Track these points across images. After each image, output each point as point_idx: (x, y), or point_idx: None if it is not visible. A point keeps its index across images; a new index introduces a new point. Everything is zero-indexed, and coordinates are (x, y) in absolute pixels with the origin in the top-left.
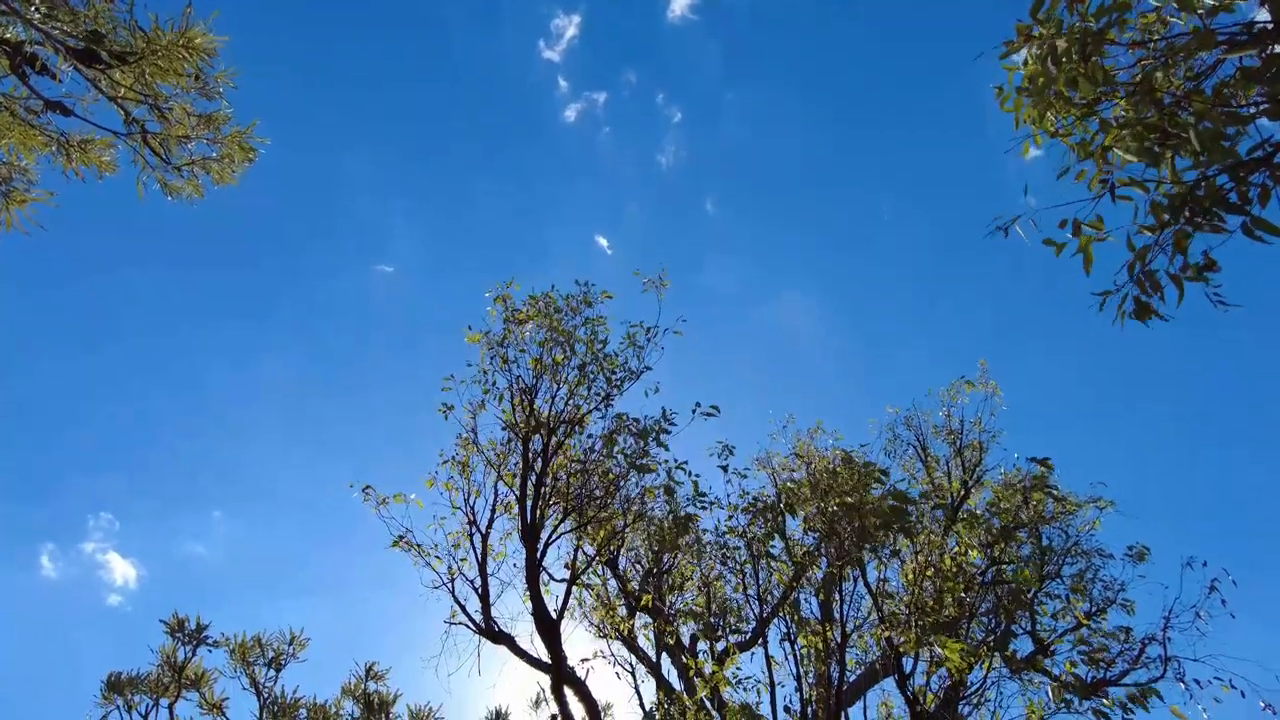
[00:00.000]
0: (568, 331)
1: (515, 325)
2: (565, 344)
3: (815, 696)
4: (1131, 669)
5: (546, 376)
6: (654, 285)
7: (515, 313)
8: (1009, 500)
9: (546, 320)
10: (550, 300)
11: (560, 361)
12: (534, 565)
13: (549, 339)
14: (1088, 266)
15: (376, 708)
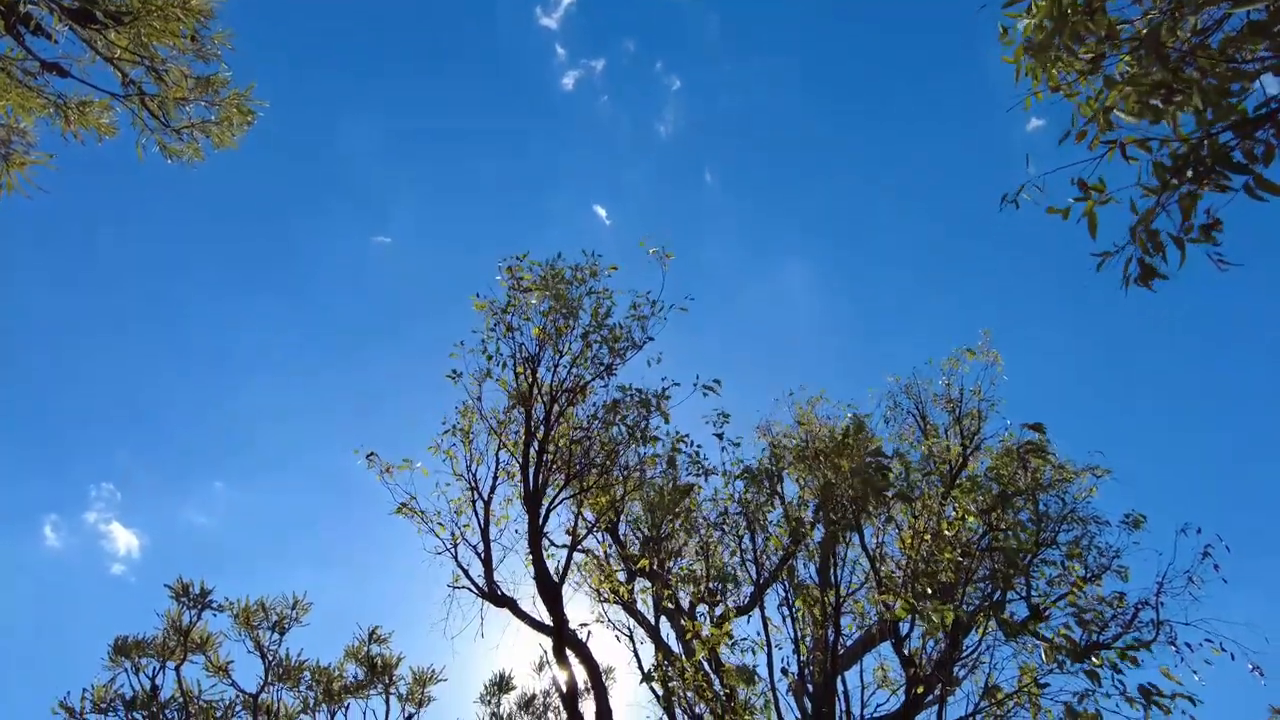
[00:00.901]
0: (573, 301)
1: (520, 294)
2: (570, 314)
3: (812, 659)
4: (1124, 633)
5: (550, 346)
6: (659, 257)
7: (520, 281)
8: (1006, 466)
9: (551, 290)
10: (557, 271)
11: (564, 331)
12: (536, 530)
13: (554, 308)
14: (1093, 230)
15: (380, 670)
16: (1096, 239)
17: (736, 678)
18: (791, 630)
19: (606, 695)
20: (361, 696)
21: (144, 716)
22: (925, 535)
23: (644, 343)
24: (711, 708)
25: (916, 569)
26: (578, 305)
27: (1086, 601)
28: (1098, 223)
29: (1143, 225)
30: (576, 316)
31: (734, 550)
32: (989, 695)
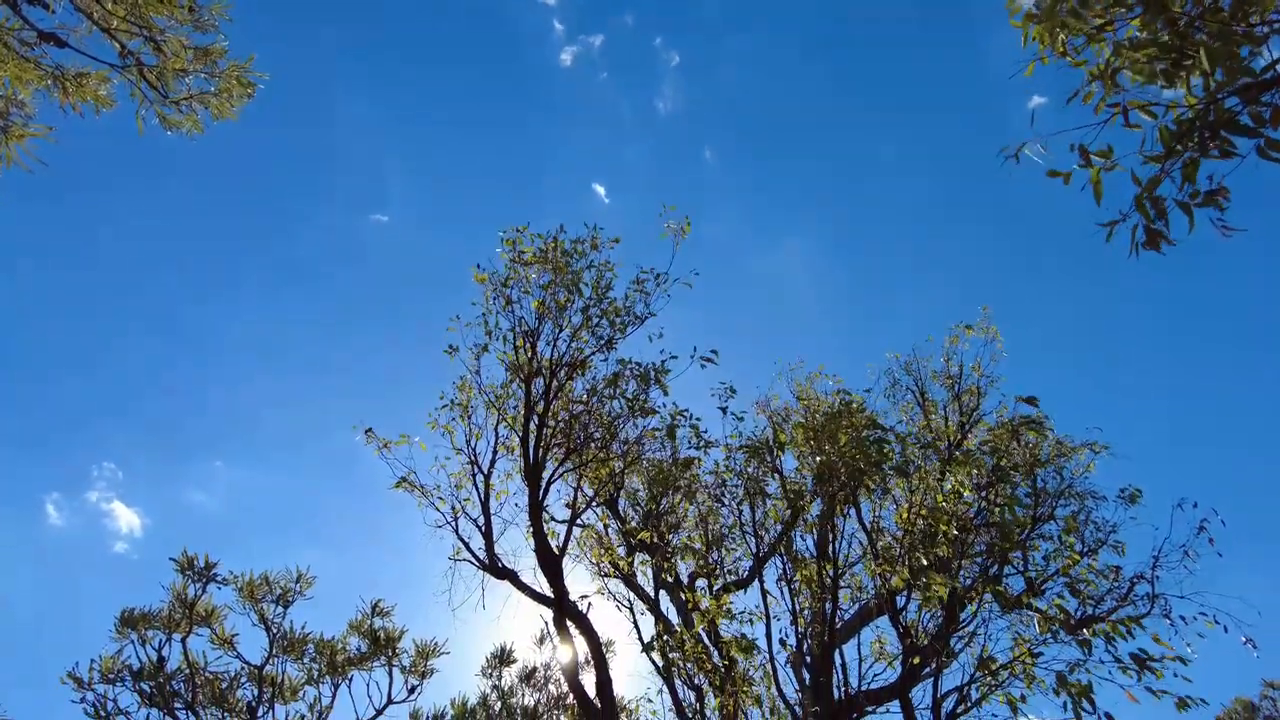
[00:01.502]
0: (574, 274)
1: (521, 267)
2: (570, 287)
3: (810, 631)
4: (1119, 606)
5: (550, 319)
6: (674, 231)
7: (521, 254)
8: (1002, 441)
9: (552, 263)
10: (558, 244)
11: (564, 304)
12: (536, 504)
13: (554, 281)
14: (1098, 196)
15: (383, 643)
16: (1100, 205)
17: (736, 648)
18: (790, 603)
19: (607, 666)
20: (365, 668)
21: (151, 687)
22: (922, 510)
23: (646, 317)
24: (711, 679)
25: (914, 542)
26: (578, 278)
27: (1082, 574)
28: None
29: (1147, 192)
30: (578, 290)
31: (734, 523)
32: (983, 666)
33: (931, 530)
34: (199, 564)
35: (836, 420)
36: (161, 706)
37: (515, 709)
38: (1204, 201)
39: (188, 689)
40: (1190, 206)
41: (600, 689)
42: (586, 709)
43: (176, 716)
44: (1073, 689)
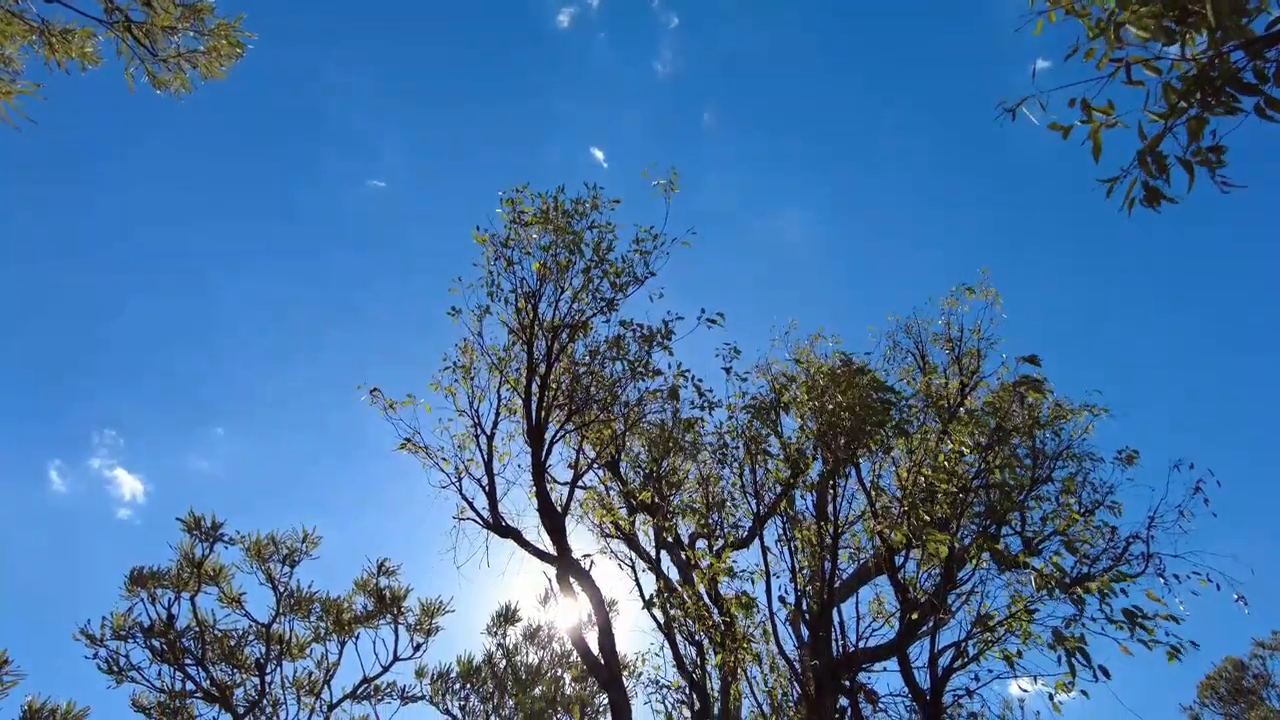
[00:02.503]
0: (575, 235)
1: (521, 228)
2: (572, 248)
3: (809, 589)
4: (1114, 565)
5: (551, 281)
6: (664, 188)
7: (521, 215)
8: (1003, 401)
9: (553, 223)
10: (558, 204)
11: (565, 265)
12: (539, 464)
13: (555, 242)
14: (1097, 154)
15: (388, 602)
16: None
17: (736, 605)
18: (789, 559)
19: (609, 621)
20: (371, 626)
21: (162, 644)
22: (922, 470)
23: (646, 277)
24: (711, 635)
25: (914, 500)
26: (579, 239)
27: (1079, 533)
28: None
29: (1150, 148)
30: (579, 250)
31: (735, 482)
32: (981, 623)
33: (931, 489)
34: (205, 524)
35: (839, 380)
36: (172, 663)
37: (519, 666)
38: (1204, 161)
39: (198, 646)
40: (1191, 164)
41: (603, 643)
42: (590, 663)
43: (187, 672)
44: (1068, 643)
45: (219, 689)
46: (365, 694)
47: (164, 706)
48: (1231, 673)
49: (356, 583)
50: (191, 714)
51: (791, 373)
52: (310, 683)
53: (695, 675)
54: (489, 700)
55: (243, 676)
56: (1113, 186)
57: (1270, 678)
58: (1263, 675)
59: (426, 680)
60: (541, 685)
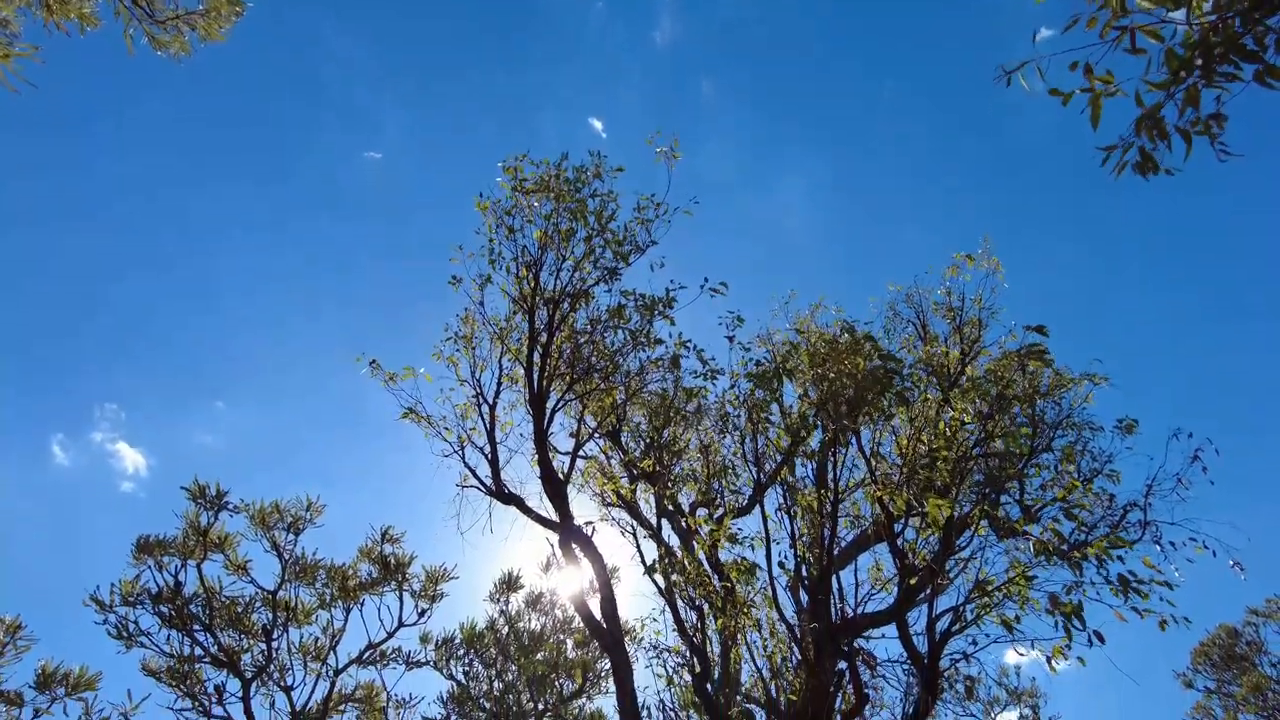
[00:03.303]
0: (578, 202)
1: (523, 196)
2: (574, 216)
3: (809, 556)
4: (1112, 532)
5: (552, 249)
6: (666, 155)
7: (523, 182)
8: (1006, 369)
9: (554, 191)
10: (560, 172)
11: (567, 234)
12: (541, 431)
13: (556, 210)
14: (1095, 121)
15: (393, 569)
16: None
17: (736, 571)
18: (790, 525)
19: (611, 586)
20: (376, 593)
21: (170, 610)
22: (921, 437)
23: (648, 246)
24: (712, 601)
25: (914, 466)
26: (582, 207)
27: (1078, 500)
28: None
29: (1149, 117)
30: (581, 218)
31: (736, 450)
32: (979, 589)
33: (932, 456)
34: (210, 492)
35: (841, 349)
36: (180, 628)
37: (522, 632)
38: (1206, 128)
39: (205, 612)
40: (1189, 132)
41: (605, 608)
42: (592, 627)
43: (195, 638)
44: (1064, 609)
45: (227, 654)
46: (371, 659)
47: (173, 671)
48: (1225, 640)
49: (361, 550)
50: (200, 678)
51: (793, 341)
52: (316, 648)
53: (696, 639)
54: (492, 665)
55: (250, 642)
56: (1108, 155)
57: (1263, 644)
58: (1256, 642)
59: (431, 646)
60: (544, 650)
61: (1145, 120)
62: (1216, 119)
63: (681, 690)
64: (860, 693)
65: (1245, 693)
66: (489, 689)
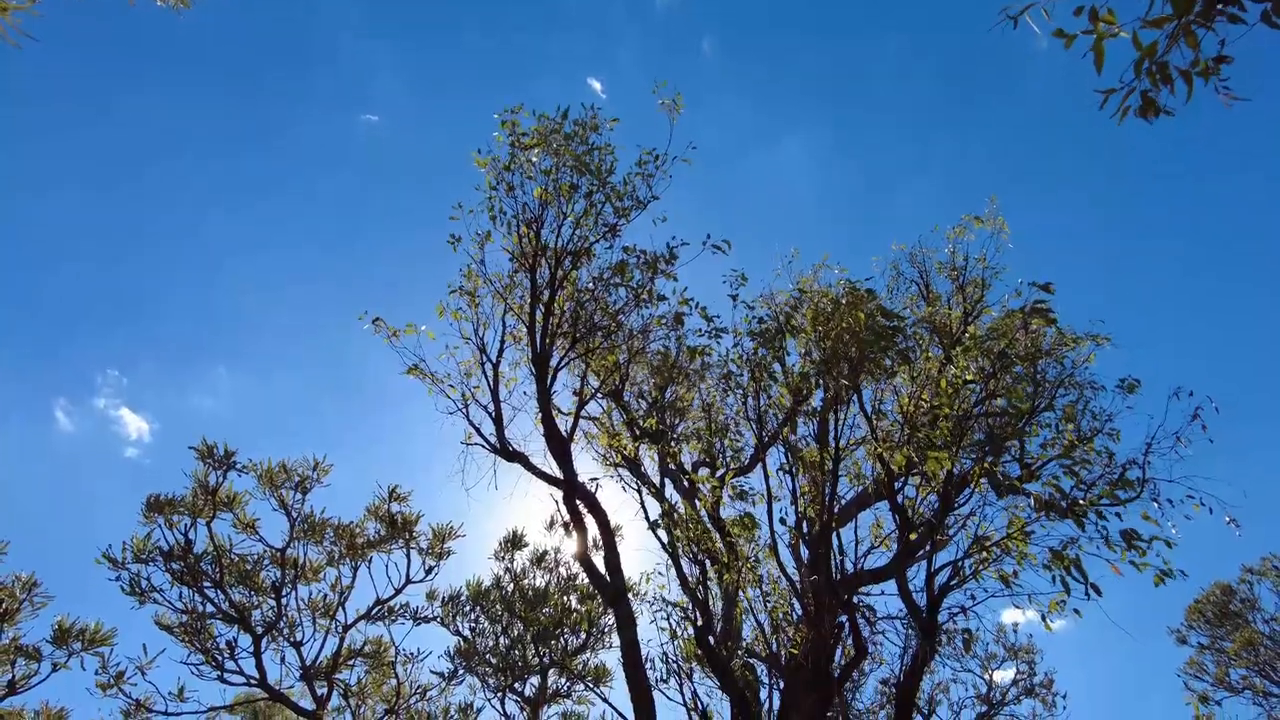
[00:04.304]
0: (576, 157)
1: (521, 151)
2: (572, 171)
3: (811, 512)
4: (1111, 490)
5: (552, 207)
6: (669, 108)
7: (521, 137)
8: (1009, 327)
9: (553, 146)
10: (557, 125)
11: (567, 190)
12: (544, 389)
13: (556, 165)
14: (1099, 65)
15: (400, 527)
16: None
17: (738, 527)
18: (791, 484)
19: (615, 541)
20: (383, 551)
21: (181, 567)
22: (923, 395)
23: (649, 201)
24: (714, 557)
25: (915, 423)
26: (580, 162)
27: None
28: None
29: (1149, 58)
30: (581, 173)
31: (739, 409)
32: (978, 544)
33: (933, 413)
34: (218, 452)
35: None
36: (191, 585)
37: (527, 590)
38: (1208, 70)
39: (215, 569)
40: (1191, 74)
41: (609, 562)
42: (596, 580)
43: (206, 595)
44: (1063, 563)
45: (237, 610)
46: (379, 615)
47: (186, 626)
48: (1219, 597)
49: (368, 509)
50: (212, 634)
51: (796, 300)
52: (325, 605)
53: (699, 594)
54: (498, 621)
55: (260, 598)
56: (1106, 98)
57: (1257, 601)
58: (1249, 599)
59: (438, 602)
60: (549, 606)
61: (1145, 58)
62: (1220, 61)
63: (684, 643)
64: (860, 645)
65: (1237, 648)
66: (495, 644)
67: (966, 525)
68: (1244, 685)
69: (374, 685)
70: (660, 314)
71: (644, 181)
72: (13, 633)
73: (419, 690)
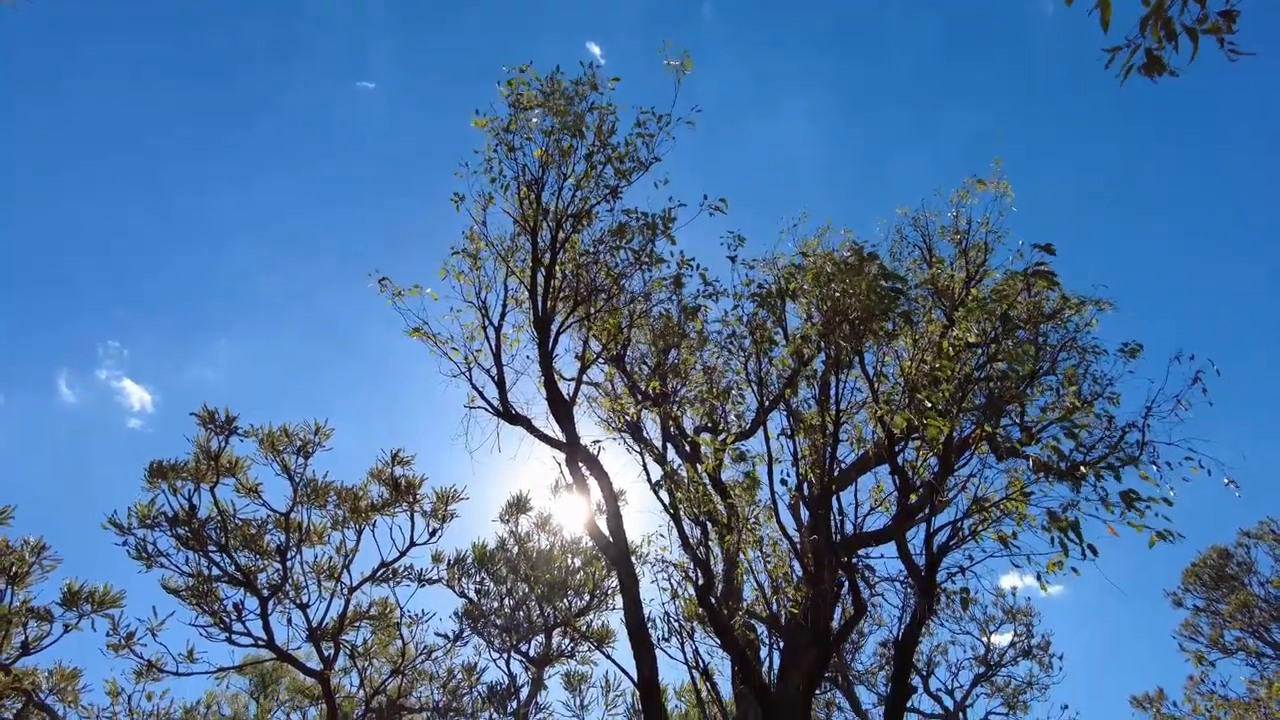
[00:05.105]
0: (577, 116)
1: (521, 112)
2: (574, 130)
3: (811, 475)
4: (1110, 453)
5: (552, 169)
6: (676, 69)
7: (521, 98)
8: (1011, 288)
9: (553, 107)
10: (557, 84)
11: (567, 151)
12: (546, 353)
13: (556, 126)
14: (1105, 23)
15: (403, 490)
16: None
17: (740, 488)
18: (793, 446)
19: (617, 502)
20: (387, 514)
21: (186, 531)
22: (925, 358)
23: (651, 162)
24: (715, 519)
25: (916, 384)
26: (580, 122)
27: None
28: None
29: (1155, 14)
30: (581, 134)
31: (740, 369)
32: (977, 505)
33: (934, 376)
34: (220, 417)
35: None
36: (197, 549)
37: (531, 552)
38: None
39: (220, 534)
40: (1197, 32)
41: (612, 524)
42: (599, 541)
43: (212, 558)
44: (1061, 524)
45: (243, 573)
46: (383, 577)
47: (193, 589)
48: (1216, 560)
49: (371, 472)
50: (219, 596)
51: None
52: (330, 567)
53: (700, 553)
54: (503, 582)
55: (265, 562)
56: (1114, 56)
57: (1253, 565)
58: (1246, 563)
59: (443, 565)
60: (553, 568)
61: (1150, 17)
62: (1227, 16)
63: (685, 602)
64: (859, 603)
65: (1232, 610)
66: (500, 605)
67: (966, 487)
68: (1238, 646)
69: (380, 646)
70: (660, 277)
71: (645, 143)
72: (24, 595)
73: (425, 651)
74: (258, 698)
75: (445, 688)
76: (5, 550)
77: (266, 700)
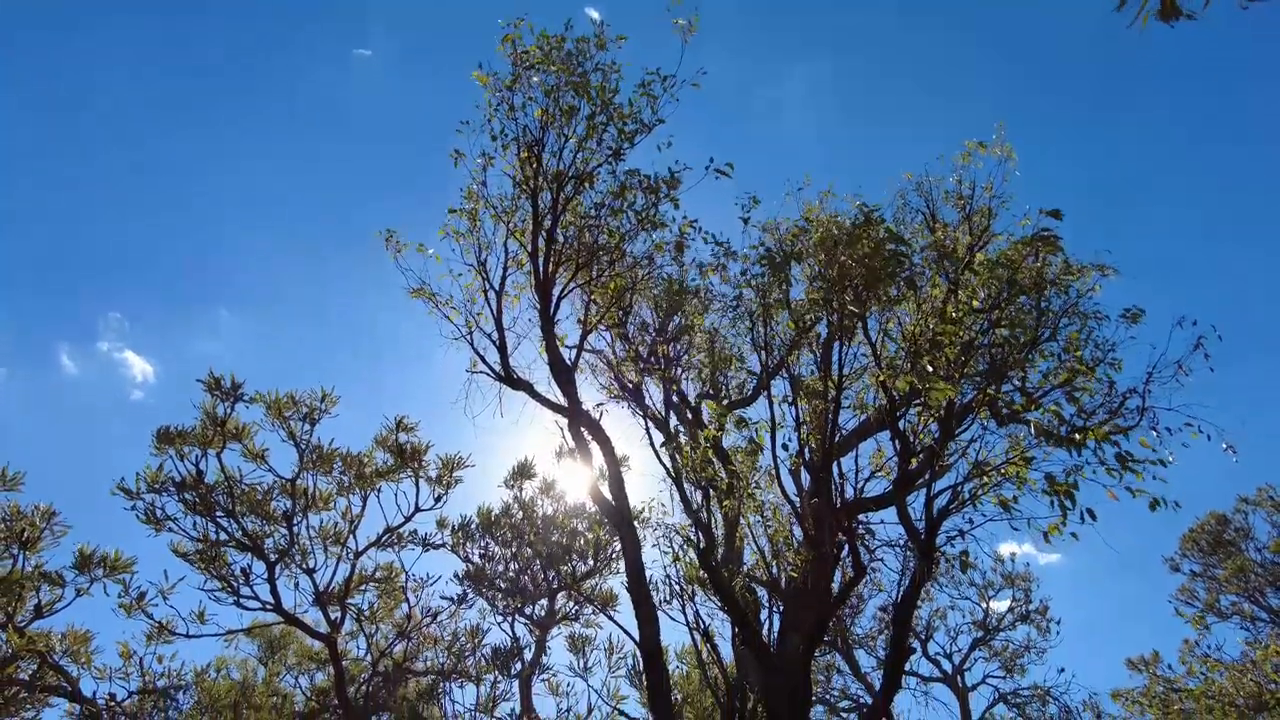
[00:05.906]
0: (580, 75)
1: (523, 70)
2: (577, 90)
3: (813, 440)
4: (1111, 418)
5: (553, 129)
6: (683, 29)
7: (523, 55)
8: (1017, 254)
9: (556, 65)
10: (559, 42)
11: (569, 111)
12: (548, 317)
13: (558, 85)
14: None
15: (408, 456)
16: None
17: (741, 454)
18: (795, 412)
19: (619, 466)
20: (393, 480)
21: (194, 497)
22: (928, 322)
23: (654, 124)
24: (716, 485)
25: (920, 349)
26: (584, 81)
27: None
28: None
29: None
30: (586, 93)
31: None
32: (977, 469)
33: (937, 340)
34: (226, 384)
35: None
36: (205, 514)
37: (536, 518)
38: None
39: (227, 499)
40: None
41: (614, 488)
42: (602, 505)
43: (219, 523)
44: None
45: (250, 539)
46: (389, 542)
47: (202, 554)
48: (1214, 526)
49: (376, 439)
50: (226, 561)
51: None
52: (336, 532)
53: (701, 516)
54: (508, 546)
55: (272, 527)
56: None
57: (1251, 530)
58: (1243, 529)
59: (447, 530)
60: (557, 533)
61: None
62: None
63: (687, 566)
64: (859, 565)
65: (1228, 575)
66: (505, 569)
67: (967, 452)
68: (1233, 611)
69: (385, 610)
70: (663, 240)
71: (649, 104)
72: (36, 560)
73: (430, 614)
74: (266, 662)
75: (450, 650)
76: (16, 516)
77: (275, 664)
